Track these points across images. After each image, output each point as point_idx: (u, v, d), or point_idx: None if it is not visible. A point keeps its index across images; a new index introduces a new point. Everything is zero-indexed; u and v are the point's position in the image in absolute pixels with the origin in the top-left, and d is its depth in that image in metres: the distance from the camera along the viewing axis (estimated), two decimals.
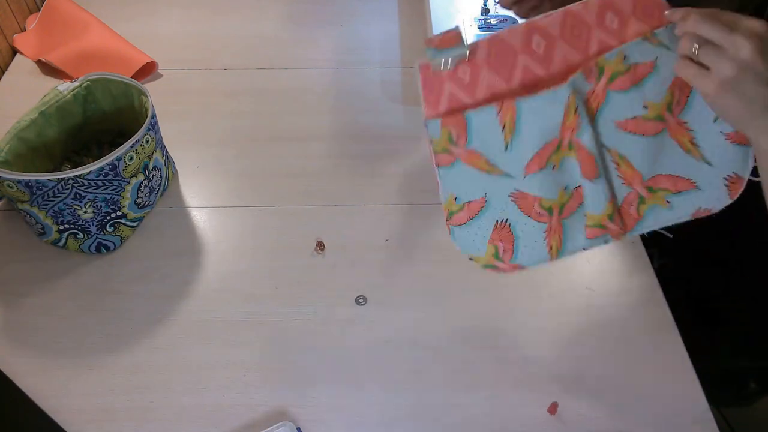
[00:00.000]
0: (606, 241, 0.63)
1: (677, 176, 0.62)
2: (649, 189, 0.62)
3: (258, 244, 0.80)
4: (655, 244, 0.74)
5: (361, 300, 0.74)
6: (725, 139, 0.60)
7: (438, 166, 0.62)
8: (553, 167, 0.62)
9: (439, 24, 1.00)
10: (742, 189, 0.61)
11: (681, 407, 0.66)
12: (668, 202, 0.62)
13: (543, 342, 0.71)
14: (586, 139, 0.60)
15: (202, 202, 0.85)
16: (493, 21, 1.00)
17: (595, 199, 0.61)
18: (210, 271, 0.77)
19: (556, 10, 0.60)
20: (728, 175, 0.61)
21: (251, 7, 1.16)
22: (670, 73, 0.59)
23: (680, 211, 0.62)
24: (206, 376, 0.68)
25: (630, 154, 0.61)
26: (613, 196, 0.62)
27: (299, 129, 0.94)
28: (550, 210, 0.62)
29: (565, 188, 0.62)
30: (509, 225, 0.63)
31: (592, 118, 0.60)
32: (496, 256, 0.63)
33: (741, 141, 0.60)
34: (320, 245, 0.78)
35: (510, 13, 1.02)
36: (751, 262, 0.71)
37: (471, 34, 0.98)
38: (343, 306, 0.74)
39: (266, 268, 0.77)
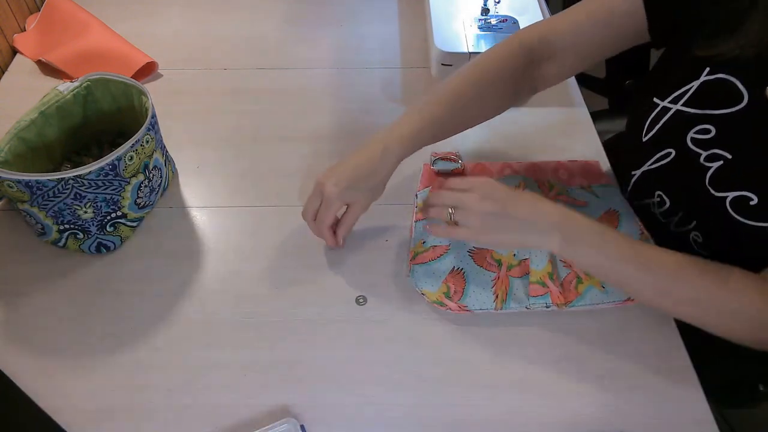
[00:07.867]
0: (547, 305, 0.71)
1: None
2: (586, 272, 0.72)
3: (258, 244, 0.80)
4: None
5: (361, 300, 0.74)
6: None
7: (416, 221, 0.79)
8: None
9: (439, 24, 1.00)
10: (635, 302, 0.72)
11: (681, 407, 0.66)
12: (603, 286, 0.72)
13: (543, 342, 0.71)
14: None
15: (202, 202, 0.85)
16: (493, 21, 1.00)
17: (538, 256, 0.72)
18: (210, 271, 0.77)
19: (522, 162, 0.86)
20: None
21: (251, 7, 1.16)
22: (596, 213, 0.78)
23: (613, 295, 0.71)
24: (206, 376, 0.68)
25: None
26: (553, 259, 0.73)
27: (299, 129, 0.95)
28: (499, 262, 0.74)
29: (515, 255, 0.74)
30: (463, 273, 0.73)
31: None
32: (447, 294, 0.72)
33: None
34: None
35: (510, 14, 1.02)
36: (751, 260, 0.71)
37: (471, 34, 0.98)
38: (343, 306, 0.74)
39: (266, 268, 0.77)
